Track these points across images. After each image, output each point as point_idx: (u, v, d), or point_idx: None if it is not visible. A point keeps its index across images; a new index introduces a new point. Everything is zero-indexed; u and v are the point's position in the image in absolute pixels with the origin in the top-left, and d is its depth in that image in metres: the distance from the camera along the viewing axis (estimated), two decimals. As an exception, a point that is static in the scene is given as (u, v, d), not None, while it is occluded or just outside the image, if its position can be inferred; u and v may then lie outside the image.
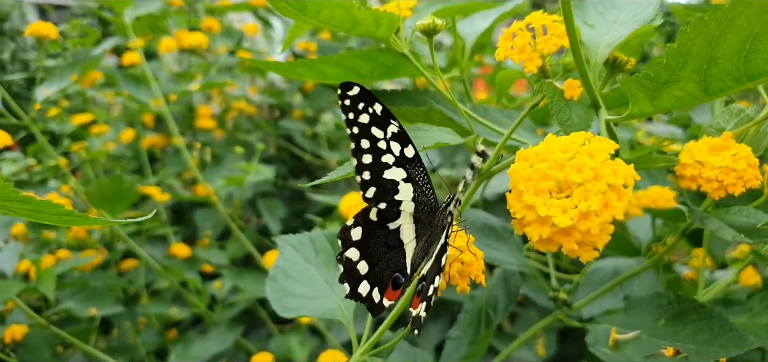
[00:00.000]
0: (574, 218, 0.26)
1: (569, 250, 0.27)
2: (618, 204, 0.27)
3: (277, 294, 0.47)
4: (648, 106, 0.33)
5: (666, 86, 0.30)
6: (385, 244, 0.35)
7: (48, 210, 0.29)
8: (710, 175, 0.41)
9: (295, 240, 0.53)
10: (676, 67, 0.29)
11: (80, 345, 0.85)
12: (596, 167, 0.27)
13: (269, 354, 0.94)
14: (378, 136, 0.35)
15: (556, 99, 0.38)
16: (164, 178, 1.24)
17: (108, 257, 1.12)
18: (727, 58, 0.27)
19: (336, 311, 0.45)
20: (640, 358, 0.45)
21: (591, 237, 0.27)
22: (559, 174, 0.27)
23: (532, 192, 0.28)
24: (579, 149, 0.27)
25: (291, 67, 0.48)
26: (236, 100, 1.43)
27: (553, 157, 0.28)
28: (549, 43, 0.38)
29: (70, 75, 0.91)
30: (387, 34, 0.41)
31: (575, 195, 0.27)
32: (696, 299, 0.46)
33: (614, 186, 0.27)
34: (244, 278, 1.00)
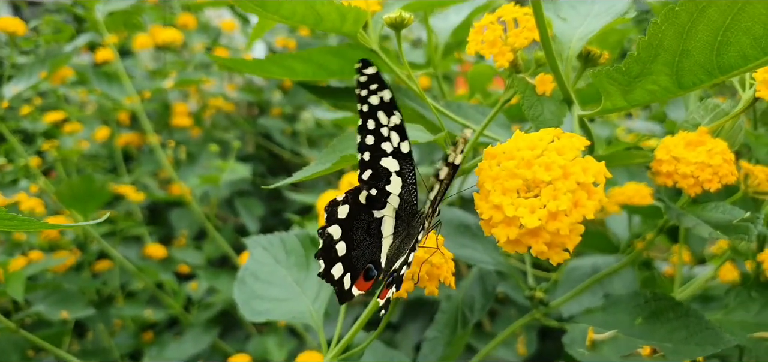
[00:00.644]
0: (542, 218, 0.25)
1: (538, 252, 0.26)
2: (588, 203, 0.25)
3: (245, 297, 0.46)
4: (621, 100, 0.32)
5: (638, 80, 0.29)
6: (367, 231, 0.35)
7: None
8: (686, 171, 0.40)
9: (265, 240, 0.51)
10: (647, 59, 0.28)
11: (51, 349, 0.83)
12: (565, 165, 0.26)
13: (246, 355, 0.93)
14: (383, 122, 0.34)
15: (527, 94, 0.37)
16: (139, 177, 1.21)
17: (81, 258, 1.09)
18: (699, 50, 0.26)
19: (306, 314, 0.44)
20: (617, 358, 0.44)
21: (560, 237, 0.25)
22: (527, 172, 0.26)
23: (499, 191, 0.26)
24: (548, 146, 0.26)
25: (259, 64, 0.46)
26: (213, 98, 1.40)
27: (521, 155, 0.26)
28: (520, 36, 0.37)
29: (39, 71, 0.88)
30: (354, 28, 0.40)
31: (544, 194, 0.26)
32: (673, 297, 0.45)
33: (584, 184, 0.26)
34: (219, 278, 0.98)
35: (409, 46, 1.13)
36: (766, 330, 0.49)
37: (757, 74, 0.37)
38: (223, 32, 1.52)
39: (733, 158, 0.42)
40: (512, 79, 0.39)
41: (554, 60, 0.34)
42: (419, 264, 0.32)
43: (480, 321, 0.98)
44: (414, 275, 0.32)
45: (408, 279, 0.32)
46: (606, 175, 0.26)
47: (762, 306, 0.53)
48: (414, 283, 0.32)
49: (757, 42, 0.25)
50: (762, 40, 0.25)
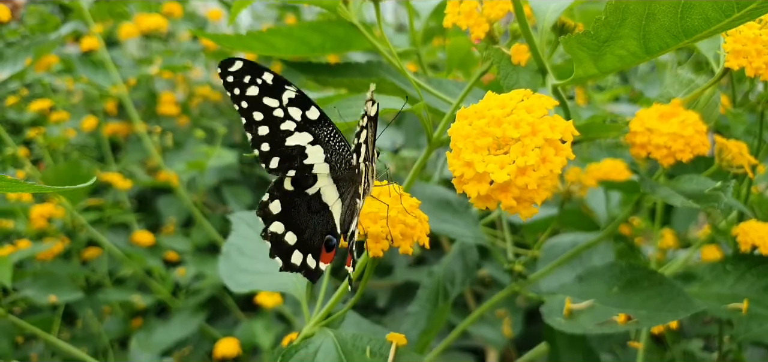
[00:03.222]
0: (511, 174, 0.26)
1: (507, 207, 0.27)
2: (555, 159, 0.26)
3: (229, 271, 0.47)
4: (592, 67, 0.33)
5: (607, 44, 0.30)
6: (309, 210, 0.35)
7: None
8: (659, 142, 0.42)
9: (250, 217, 0.52)
10: (615, 23, 0.29)
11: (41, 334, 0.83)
12: (533, 122, 0.26)
13: (234, 339, 0.93)
14: (272, 106, 0.34)
15: (503, 64, 0.38)
16: (127, 165, 1.21)
17: (70, 246, 1.09)
18: (663, 13, 0.27)
19: (289, 285, 0.45)
20: (593, 326, 0.45)
21: (529, 192, 0.26)
22: (497, 130, 0.27)
23: (470, 149, 0.27)
24: (517, 105, 0.27)
25: (239, 40, 0.47)
26: (200, 86, 1.40)
27: (492, 114, 0.27)
28: (496, 7, 0.38)
29: (24, 59, 0.88)
30: (333, 2, 0.41)
31: (513, 150, 0.27)
32: (647, 267, 0.46)
33: (551, 141, 0.26)
34: (207, 264, 0.99)
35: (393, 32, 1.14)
36: (741, 301, 0.51)
37: (726, 45, 0.38)
38: (209, 21, 1.52)
39: (705, 129, 0.43)
40: (488, 51, 0.40)
41: (528, 30, 0.35)
42: (394, 225, 0.33)
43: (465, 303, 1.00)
44: (387, 235, 0.33)
45: (382, 238, 0.32)
46: (573, 132, 0.27)
47: (736, 279, 0.55)
48: (389, 243, 0.33)
49: (718, 5, 0.26)
50: (723, 3, 0.26)
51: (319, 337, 0.39)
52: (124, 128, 1.33)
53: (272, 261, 0.48)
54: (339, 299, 0.42)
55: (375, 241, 0.32)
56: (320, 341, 0.38)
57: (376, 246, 0.32)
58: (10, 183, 0.31)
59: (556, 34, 0.40)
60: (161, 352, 0.90)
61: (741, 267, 0.55)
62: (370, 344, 0.38)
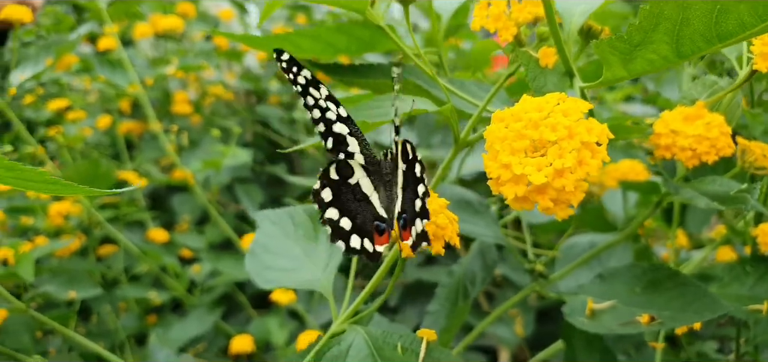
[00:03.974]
0: (548, 176, 0.27)
1: (544, 208, 0.27)
2: (592, 162, 0.27)
3: (256, 268, 0.47)
4: (621, 70, 0.34)
5: (639, 48, 0.31)
6: (355, 199, 0.36)
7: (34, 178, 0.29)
8: (684, 144, 0.42)
9: (273, 215, 0.53)
10: (648, 28, 0.29)
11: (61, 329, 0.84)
12: (570, 125, 0.27)
13: (248, 335, 0.94)
14: (316, 96, 0.37)
15: (531, 67, 0.38)
16: (141, 163, 1.22)
17: (86, 243, 1.10)
18: (698, 18, 0.28)
19: (316, 282, 0.45)
20: (616, 326, 0.45)
21: (565, 194, 0.27)
22: (534, 133, 0.27)
23: (507, 151, 0.28)
24: (553, 108, 0.28)
25: (267, 40, 0.47)
26: (213, 86, 1.41)
27: (528, 117, 0.28)
28: (524, 11, 0.39)
29: (45, 59, 0.89)
30: (362, 5, 0.41)
31: (550, 153, 0.27)
32: (670, 267, 0.46)
33: (588, 143, 0.27)
34: (222, 261, 0.99)
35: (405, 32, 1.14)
36: (760, 302, 0.51)
37: (755, 47, 0.38)
38: (221, 21, 1.53)
39: (729, 131, 0.43)
40: (516, 53, 0.40)
41: (558, 33, 0.35)
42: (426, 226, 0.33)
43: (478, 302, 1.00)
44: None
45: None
46: (608, 135, 0.28)
47: (756, 280, 0.55)
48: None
49: (754, 9, 0.26)
50: (759, 8, 0.26)
51: (350, 334, 0.39)
52: (138, 127, 1.34)
53: (297, 258, 0.49)
54: (366, 297, 0.43)
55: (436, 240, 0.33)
56: (352, 338, 0.39)
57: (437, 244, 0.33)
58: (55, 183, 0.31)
59: (581, 37, 0.41)
60: (178, 348, 0.91)
61: (761, 269, 0.55)
62: (401, 340, 0.39)
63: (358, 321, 0.42)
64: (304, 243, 0.50)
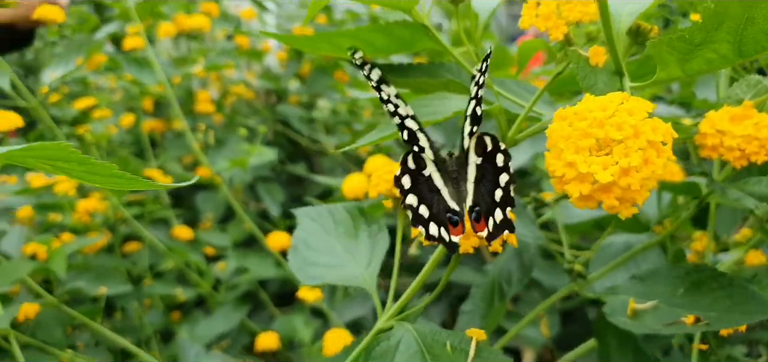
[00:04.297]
0: (615, 174, 0.27)
1: (609, 206, 0.28)
2: (657, 161, 0.27)
3: (299, 263, 0.48)
4: (677, 70, 0.34)
5: (699, 48, 0.31)
6: (430, 189, 0.37)
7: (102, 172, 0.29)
8: (732, 144, 0.42)
9: (314, 212, 0.53)
10: (711, 27, 0.29)
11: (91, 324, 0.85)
12: (636, 124, 0.27)
13: (274, 333, 0.95)
14: (389, 92, 0.38)
15: (581, 65, 0.38)
16: (165, 161, 1.23)
17: (112, 240, 1.11)
18: (764, 18, 0.28)
19: (359, 278, 0.46)
20: (660, 326, 0.45)
21: (631, 193, 0.27)
22: (599, 131, 0.28)
23: (572, 150, 0.28)
24: (618, 108, 0.28)
25: (309, 41, 0.48)
26: (235, 85, 1.42)
27: (593, 116, 0.28)
28: (574, 10, 0.39)
29: (75, 58, 0.90)
30: (410, 4, 0.42)
31: (615, 152, 0.27)
32: (715, 268, 0.46)
33: (653, 142, 0.27)
34: (248, 259, 1.00)
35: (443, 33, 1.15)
36: None
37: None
38: (242, 20, 1.54)
39: (779, 131, 0.43)
40: (564, 52, 0.40)
41: (611, 32, 0.36)
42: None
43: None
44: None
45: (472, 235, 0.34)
46: (673, 135, 0.28)
47: (791, 283, 0.55)
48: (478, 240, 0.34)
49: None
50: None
51: (398, 330, 0.40)
52: (161, 125, 1.35)
53: (338, 254, 0.50)
54: (413, 294, 0.43)
55: (466, 238, 0.34)
56: (400, 334, 0.39)
57: (467, 243, 0.33)
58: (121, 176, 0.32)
59: (630, 37, 0.41)
60: (205, 345, 0.91)
61: (796, 271, 0.55)
62: (450, 338, 0.39)
63: (405, 318, 0.42)
64: (344, 241, 0.50)
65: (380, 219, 0.52)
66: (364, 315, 1.09)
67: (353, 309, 1.07)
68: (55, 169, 0.30)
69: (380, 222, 0.51)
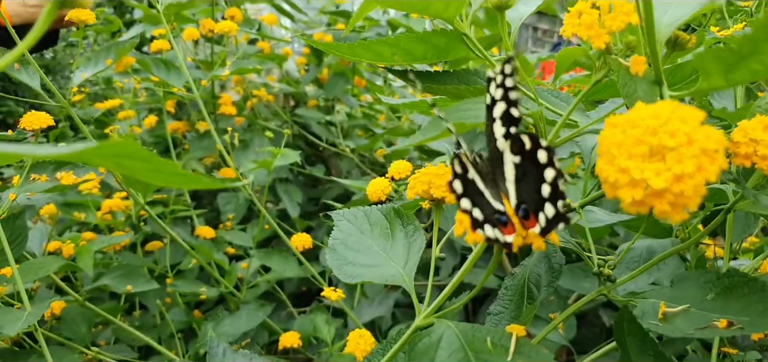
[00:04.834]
0: (668, 181, 0.28)
1: (661, 211, 0.29)
2: (711, 168, 0.28)
3: (338, 262, 0.49)
4: (720, 80, 0.35)
5: (745, 59, 0.32)
6: (477, 193, 0.38)
7: (166, 170, 0.30)
8: (766, 153, 0.43)
9: (349, 214, 0.55)
10: (761, 38, 0.30)
11: (115, 321, 0.87)
12: (690, 132, 0.28)
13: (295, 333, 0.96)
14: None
15: (621, 74, 0.40)
16: (188, 162, 1.25)
17: (134, 238, 1.13)
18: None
19: (397, 277, 0.47)
20: (691, 330, 0.46)
21: (684, 198, 0.28)
22: (653, 139, 0.29)
23: (624, 156, 0.29)
24: (671, 115, 0.29)
25: (350, 49, 0.49)
26: (256, 89, 1.44)
27: (646, 124, 0.29)
28: (617, 20, 0.40)
29: (105, 59, 0.92)
30: (454, 13, 0.43)
31: (668, 158, 0.28)
32: (746, 274, 0.47)
33: (707, 150, 0.28)
34: (272, 258, 1.02)
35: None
36: None
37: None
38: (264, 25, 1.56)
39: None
40: (603, 60, 0.42)
41: (654, 42, 0.37)
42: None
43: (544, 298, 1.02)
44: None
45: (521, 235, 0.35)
46: (725, 143, 0.29)
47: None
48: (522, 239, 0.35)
49: None
50: None
51: (439, 327, 0.41)
52: (183, 126, 1.37)
53: (376, 254, 0.51)
54: (451, 292, 0.45)
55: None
56: (442, 330, 0.40)
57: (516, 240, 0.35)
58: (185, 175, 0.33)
59: (668, 47, 0.42)
60: (229, 343, 0.93)
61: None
62: (490, 335, 0.40)
63: (443, 315, 0.44)
64: (381, 241, 0.52)
65: (415, 220, 0.54)
66: (383, 316, 1.11)
67: (372, 309, 1.08)
68: (120, 167, 0.31)
69: (416, 223, 0.53)
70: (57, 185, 0.92)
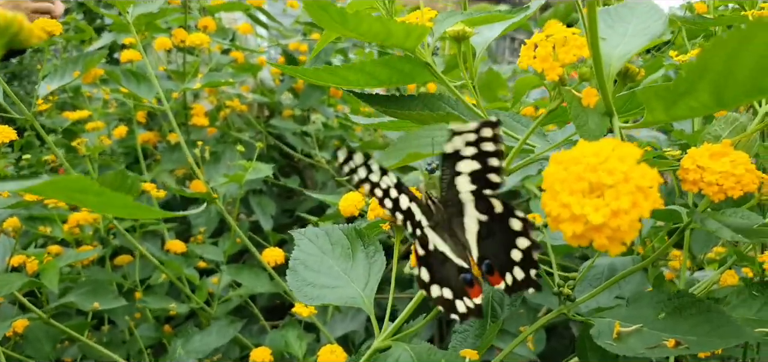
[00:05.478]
0: (606, 216, 0.29)
1: (600, 245, 0.30)
2: (644, 204, 0.29)
3: (297, 284, 0.49)
4: (662, 115, 0.36)
5: (682, 97, 0.33)
6: (440, 263, 0.38)
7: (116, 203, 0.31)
8: (711, 179, 0.44)
9: (311, 233, 0.55)
10: (695, 79, 0.32)
11: (81, 340, 0.86)
12: (626, 170, 0.30)
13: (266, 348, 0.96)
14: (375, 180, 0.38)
15: (573, 105, 0.41)
16: (158, 174, 1.24)
17: (102, 252, 1.12)
18: (742, 72, 0.30)
19: (357, 299, 0.48)
20: (643, 349, 0.48)
21: (620, 233, 0.29)
22: (592, 176, 0.30)
23: (566, 192, 0.30)
24: (610, 154, 0.30)
25: (316, 73, 0.50)
26: (229, 99, 1.44)
27: (587, 161, 0.30)
28: (569, 53, 0.41)
29: (72, 71, 0.91)
30: (415, 44, 0.44)
31: (607, 195, 0.30)
32: (694, 295, 0.49)
33: (642, 187, 0.29)
34: (243, 274, 1.02)
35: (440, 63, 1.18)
36: (766, 326, 0.53)
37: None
38: (238, 34, 1.56)
39: (754, 168, 0.46)
40: (558, 91, 0.43)
41: (603, 76, 0.38)
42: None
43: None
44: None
45: None
46: (659, 180, 0.30)
47: (763, 304, 0.58)
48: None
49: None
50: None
51: (396, 350, 0.42)
52: (154, 137, 1.36)
53: (336, 275, 0.51)
54: (408, 315, 0.45)
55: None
56: (398, 353, 0.41)
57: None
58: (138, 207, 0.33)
59: (619, 79, 0.44)
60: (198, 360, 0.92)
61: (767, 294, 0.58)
62: (445, 358, 0.41)
63: (402, 338, 0.44)
64: (342, 262, 0.52)
65: (376, 240, 0.54)
66: (355, 330, 1.11)
67: (345, 324, 1.09)
68: (73, 200, 0.32)
69: (376, 244, 0.53)
70: (20, 201, 0.91)
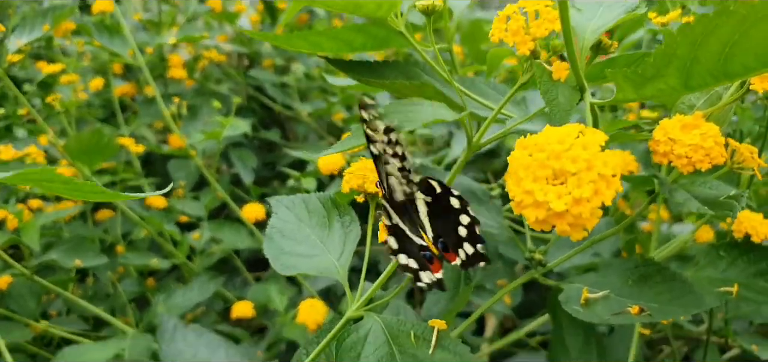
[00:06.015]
0: (568, 204, 0.30)
1: (561, 231, 0.30)
2: (606, 192, 0.30)
3: (274, 253, 0.50)
4: (632, 94, 0.36)
5: (651, 80, 0.33)
6: (403, 236, 0.39)
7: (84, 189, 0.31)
8: (680, 152, 0.45)
9: (288, 201, 0.55)
10: (661, 65, 0.32)
11: (65, 295, 0.86)
12: (589, 158, 0.30)
13: (248, 302, 0.97)
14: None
15: (544, 79, 0.41)
16: (137, 128, 1.23)
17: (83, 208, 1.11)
18: (708, 59, 0.30)
19: (332, 269, 0.48)
20: (608, 315, 0.49)
21: (582, 220, 0.30)
22: (556, 163, 0.30)
23: (530, 178, 0.31)
24: (574, 142, 0.30)
25: (288, 39, 0.49)
26: (207, 50, 1.41)
27: (551, 148, 0.31)
28: (541, 27, 0.41)
29: (42, 25, 0.89)
30: (387, 13, 0.43)
31: (569, 183, 0.30)
32: (660, 263, 0.50)
33: (604, 175, 0.30)
34: (223, 230, 1.02)
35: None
36: (731, 285, 0.55)
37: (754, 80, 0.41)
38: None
39: (723, 141, 0.46)
40: (530, 65, 0.43)
41: (573, 51, 0.38)
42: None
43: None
44: None
45: None
46: (621, 169, 0.31)
47: (728, 264, 0.59)
48: None
49: (758, 57, 0.29)
50: (762, 56, 0.29)
51: (367, 321, 0.43)
52: (131, 89, 1.34)
53: (313, 244, 0.52)
54: (380, 285, 0.46)
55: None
56: (369, 325, 0.42)
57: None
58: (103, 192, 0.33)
59: (593, 52, 0.43)
60: (180, 315, 0.93)
61: (733, 253, 0.60)
62: (414, 328, 0.42)
63: (374, 308, 0.45)
64: (318, 230, 0.52)
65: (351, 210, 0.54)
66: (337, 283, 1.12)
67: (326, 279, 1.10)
68: (42, 188, 0.32)
69: (352, 214, 0.54)
70: (-1, 160, 0.89)
